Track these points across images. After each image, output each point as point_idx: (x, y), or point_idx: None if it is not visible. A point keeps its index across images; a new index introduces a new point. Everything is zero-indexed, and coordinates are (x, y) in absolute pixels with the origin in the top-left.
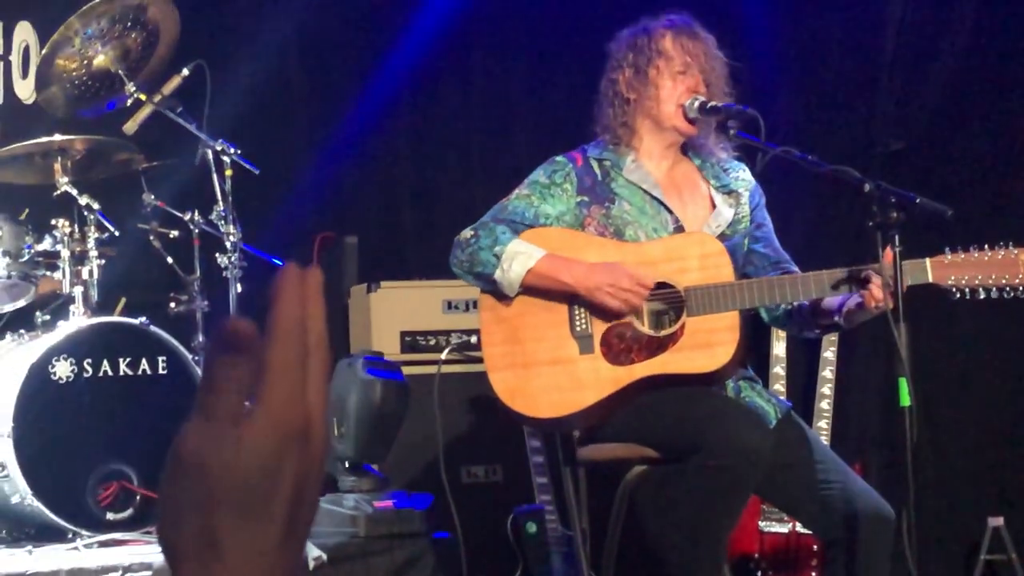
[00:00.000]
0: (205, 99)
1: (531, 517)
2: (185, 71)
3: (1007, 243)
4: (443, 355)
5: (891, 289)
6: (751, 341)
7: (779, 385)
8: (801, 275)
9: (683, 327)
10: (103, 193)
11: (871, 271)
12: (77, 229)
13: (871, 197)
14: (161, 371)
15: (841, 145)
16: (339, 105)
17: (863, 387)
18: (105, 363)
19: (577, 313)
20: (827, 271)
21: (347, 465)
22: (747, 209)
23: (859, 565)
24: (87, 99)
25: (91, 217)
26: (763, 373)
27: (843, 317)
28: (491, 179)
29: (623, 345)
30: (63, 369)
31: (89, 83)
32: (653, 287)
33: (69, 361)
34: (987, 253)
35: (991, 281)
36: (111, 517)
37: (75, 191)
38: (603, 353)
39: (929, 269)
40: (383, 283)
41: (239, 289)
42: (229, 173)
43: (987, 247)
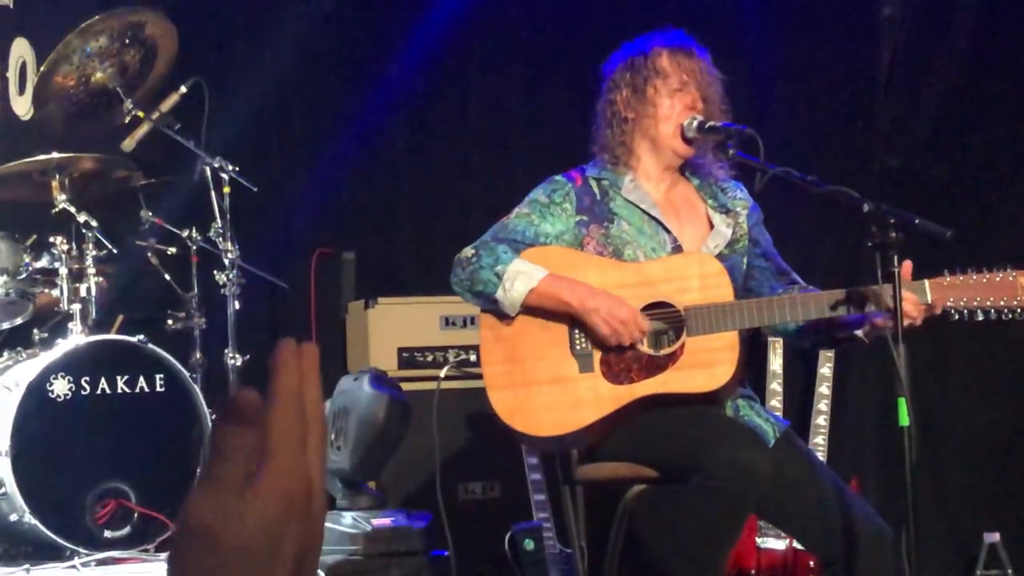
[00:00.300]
0: (203, 116)
1: (529, 534)
2: (183, 88)
3: (1005, 264)
4: (442, 373)
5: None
6: (749, 357)
7: (775, 401)
8: (800, 295)
9: (683, 346)
10: (101, 210)
11: (871, 291)
12: (75, 246)
13: (870, 218)
14: (159, 388)
15: (838, 162)
16: (336, 122)
17: (860, 403)
18: (103, 381)
19: (577, 332)
20: (827, 291)
21: (342, 481)
22: (745, 228)
23: None
24: (85, 116)
25: (89, 234)
26: (760, 389)
27: (866, 332)
28: (489, 196)
29: (623, 364)
30: (61, 387)
31: (87, 100)
32: (654, 306)
33: (67, 379)
34: (985, 275)
35: (989, 303)
36: (109, 535)
37: (73, 208)
38: (603, 372)
39: (928, 291)
40: (380, 299)
41: (237, 306)
42: (227, 190)
43: (985, 269)
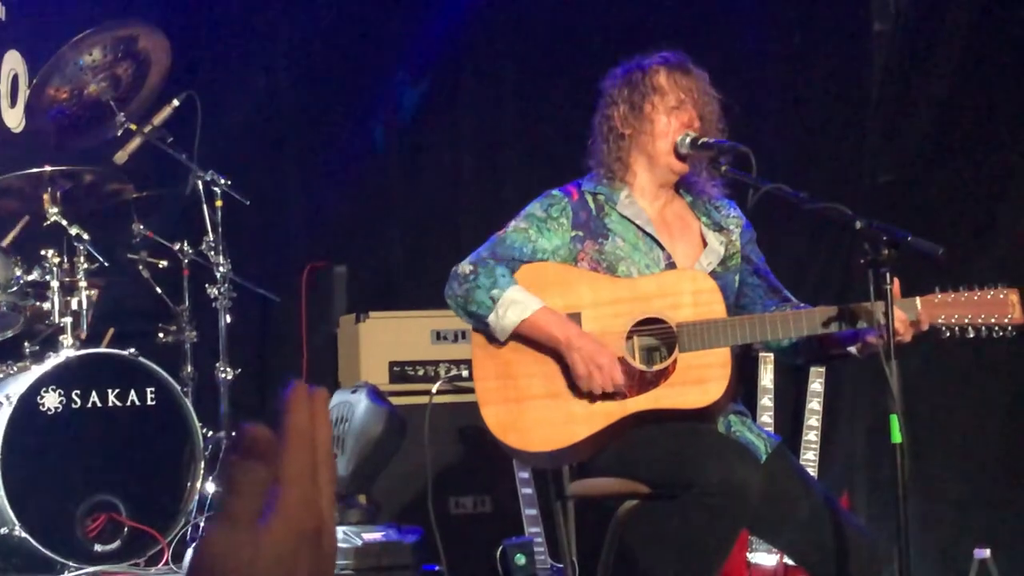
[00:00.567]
0: (196, 130)
1: (520, 549)
2: (176, 102)
3: (995, 282)
4: (434, 389)
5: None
6: (740, 373)
7: (766, 416)
8: (792, 312)
9: (675, 363)
10: (93, 223)
11: (863, 308)
12: (66, 259)
13: (863, 235)
14: (150, 402)
15: (829, 178)
16: (328, 136)
17: (850, 419)
18: (94, 394)
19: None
20: (819, 308)
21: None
22: (738, 246)
23: None
24: (77, 129)
25: (81, 247)
26: (750, 405)
27: (859, 349)
28: (480, 210)
29: None
30: (52, 400)
31: (80, 113)
32: (646, 322)
33: (58, 392)
34: (976, 292)
35: (980, 321)
36: (99, 549)
37: (65, 221)
38: None
39: (917, 307)
40: (372, 313)
41: (228, 320)
42: (219, 204)
43: (976, 287)
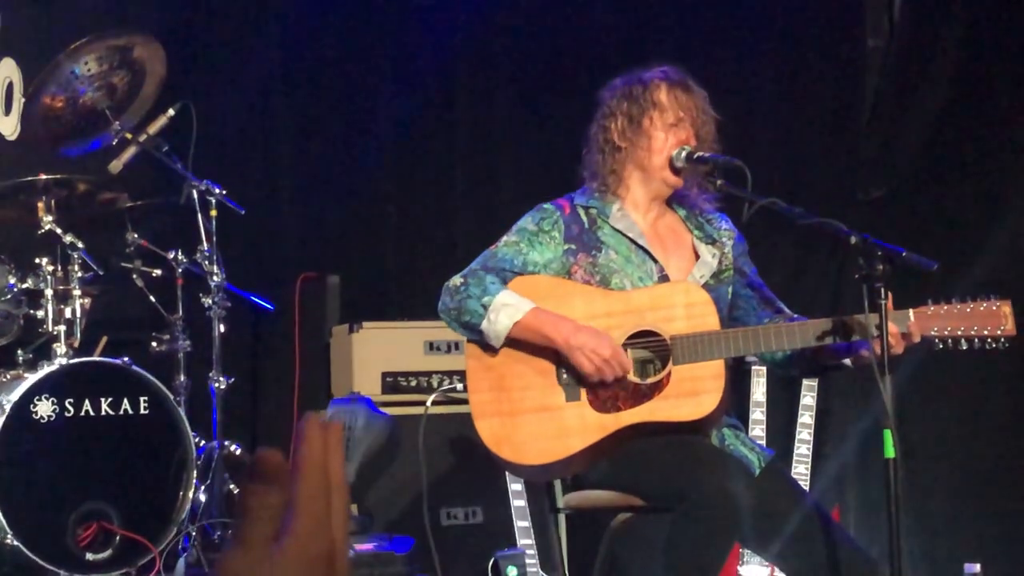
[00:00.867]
0: (191, 139)
1: (512, 561)
2: (171, 111)
3: (988, 294)
4: (429, 400)
5: (876, 337)
6: (732, 386)
7: (758, 430)
8: (786, 325)
9: (669, 375)
10: (87, 232)
11: (856, 321)
12: (60, 268)
13: (857, 250)
14: (143, 411)
15: (822, 193)
16: (323, 146)
17: (842, 433)
18: (87, 403)
19: (564, 361)
20: (812, 321)
21: None
22: (730, 258)
23: None
24: (72, 137)
25: (75, 255)
26: (742, 418)
27: (853, 361)
28: (475, 221)
29: (609, 393)
30: (45, 408)
31: (75, 121)
32: (640, 335)
33: (51, 400)
34: (969, 304)
35: (973, 332)
36: (91, 557)
37: (59, 229)
38: (589, 401)
39: (912, 320)
40: (365, 324)
41: (222, 329)
42: (214, 213)
43: (969, 299)
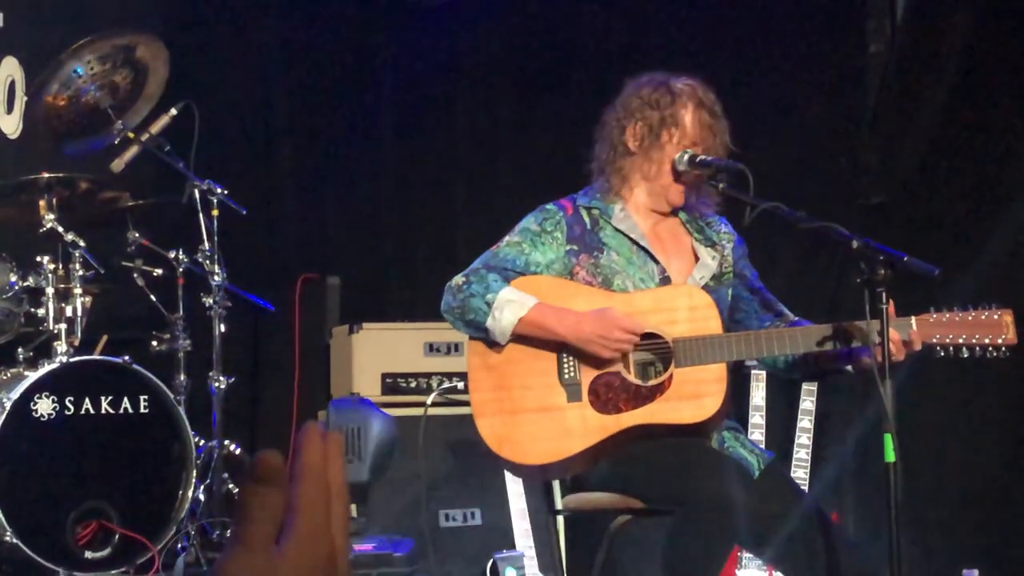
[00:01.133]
0: (193, 139)
1: (510, 562)
2: (173, 111)
3: (989, 302)
4: (429, 400)
5: (878, 344)
6: (733, 389)
7: (757, 434)
8: (788, 330)
9: (671, 378)
10: (88, 230)
11: (858, 327)
12: (61, 266)
13: (859, 254)
14: (143, 410)
15: (822, 199)
16: (324, 147)
17: (841, 437)
18: (87, 401)
19: (565, 361)
20: (814, 326)
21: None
22: (730, 261)
23: None
24: (74, 136)
25: (76, 254)
26: (742, 422)
27: (854, 367)
28: (475, 223)
29: (611, 394)
30: (45, 406)
31: (77, 120)
32: (642, 334)
33: (51, 399)
34: (971, 313)
35: (974, 341)
36: (89, 556)
37: (61, 228)
38: (591, 402)
39: (913, 327)
40: (365, 324)
41: (222, 329)
42: (216, 213)
43: (971, 307)
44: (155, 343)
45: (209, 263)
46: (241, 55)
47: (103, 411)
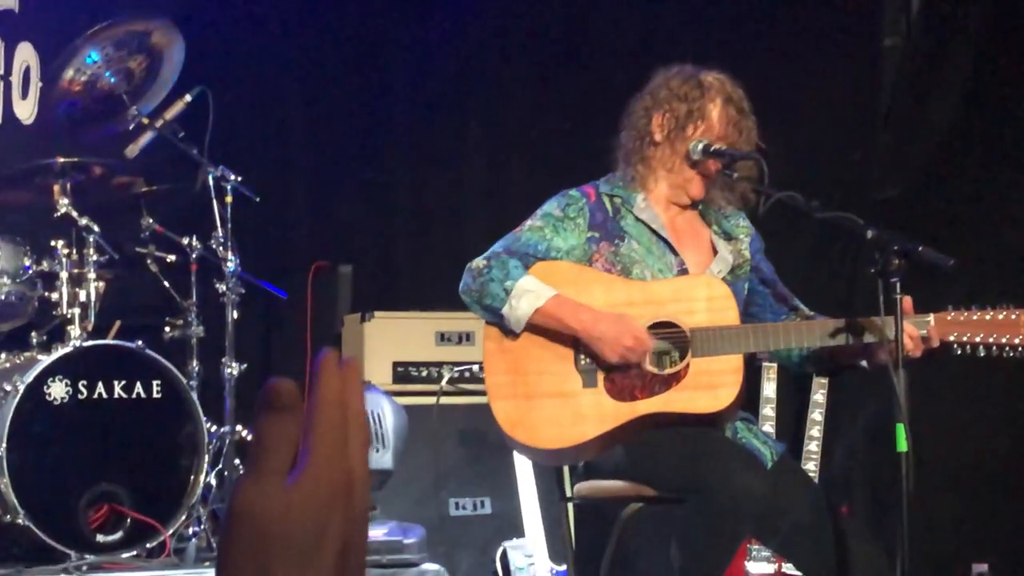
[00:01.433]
0: (207, 125)
1: (520, 551)
2: (188, 97)
3: (1008, 302)
4: (443, 383)
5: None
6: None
7: (768, 426)
8: (806, 323)
9: (687, 367)
10: (102, 216)
11: (874, 321)
12: (75, 251)
13: (873, 244)
14: (155, 395)
15: (836, 192)
16: (337, 135)
17: (852, 431)
18: (100, 385)
19: (582, 348)
20: (830, 320)
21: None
22: (747, 255)
23: None
24: (89, 122)
25: (90, 239)
26: (752, 414)
27: (869, 362)
28: (487, 212)
29: (626, 381)
30: (58, 390)
31: (92, 106)
32: (659, 326)
33: (64, 382)
34: (988, 312)
35: (991, 340)
36: (101, 539)
37: (75, 213)
38: (606, 388)
39: (932, 324)
40: (377, 313)
41: (235, 315)
42: (229, 200)
43: (988, 307)
44: (168, 329)
45: (222, 250)
46: (255, 42)
47: (116, 395)
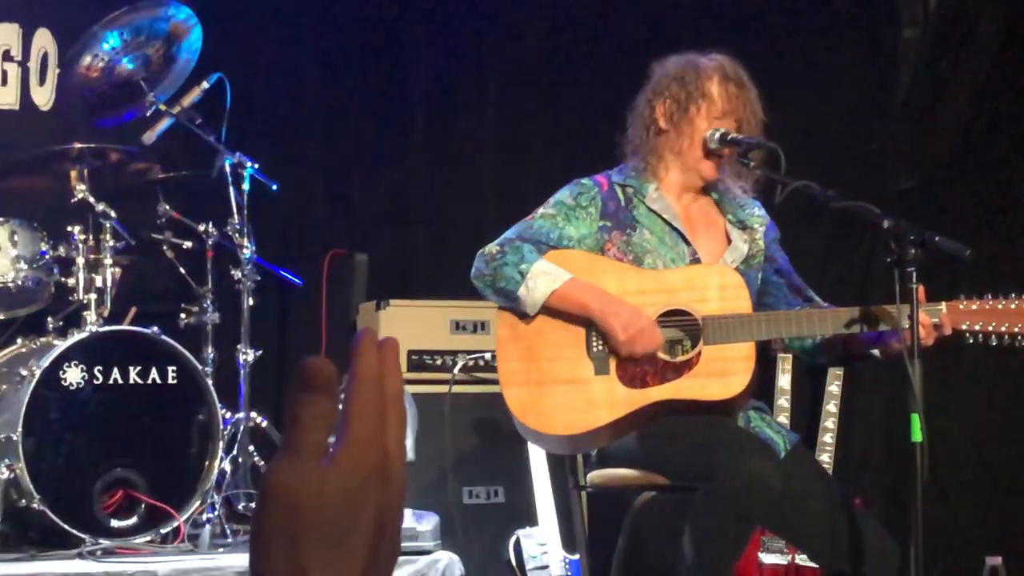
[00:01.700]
0: (224, 112)
1: (533, 539)
2: (205, 83)
3: (1016, 291)
4: (456, 370)
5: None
6: (760, 371)
7: (783, 417)
8: (818, 311)
9: (699, 355)
10: (119, 202)
11: (887, 310)
12: (92, 236)
13: (889, 234)
14: (171, 380)
15: (853, 183)
16: (354, 123)
17: (866, 421)
18: (116, 371)
19: (594, 334)
20: (843, 308)
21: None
22: (761, 245)
23: None
24: (106, 108)
25: (107, 225)
26: (767, 404)
27: (882, 352)
28: (503, 200)
29: (639, 368)
30: (74, 375)
31: (109, 92)
32: (671, 314)
33: (80, 367)
34: (1001, 301)
35: (1004, 329)
36: (115, 524)
37: (92, 198)
38: (618, 375)
39: (944, 313)
40: (392, 301)
41: (251, 302)
42: (246, 187)
43: (1002, 296)
44: (184, 315)
45: (238, 237)
46: (273, 29)
47: (131, 381)
